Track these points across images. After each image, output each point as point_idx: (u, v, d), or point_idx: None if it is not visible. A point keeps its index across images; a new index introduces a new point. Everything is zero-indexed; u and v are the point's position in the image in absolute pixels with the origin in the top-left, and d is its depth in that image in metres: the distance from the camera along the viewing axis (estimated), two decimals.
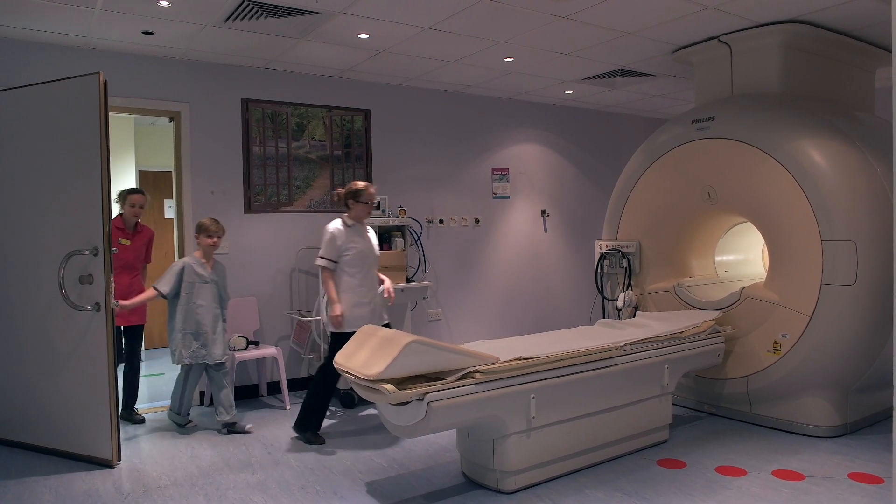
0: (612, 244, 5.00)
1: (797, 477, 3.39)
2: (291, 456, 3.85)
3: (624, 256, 4.89)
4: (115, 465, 3.70)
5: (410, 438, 4.01)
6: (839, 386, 3.96)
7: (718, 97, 4.69)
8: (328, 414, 4.71)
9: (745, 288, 4.27)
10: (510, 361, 3.11)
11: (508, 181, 6.70)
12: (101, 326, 3.66)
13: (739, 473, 3.45)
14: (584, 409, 3.43)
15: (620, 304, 4.83)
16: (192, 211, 5.04)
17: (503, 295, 6.67)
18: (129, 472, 3.63)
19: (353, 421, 4.55)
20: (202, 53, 4.89)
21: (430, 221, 6.15)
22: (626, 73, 5.61)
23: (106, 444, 3.69)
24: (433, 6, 3.98)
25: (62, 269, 3.65)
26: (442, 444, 3.97)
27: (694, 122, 4.47)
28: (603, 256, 5.06)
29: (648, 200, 4.80)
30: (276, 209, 5.39)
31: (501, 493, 3.22)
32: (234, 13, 4.04)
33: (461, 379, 2.96)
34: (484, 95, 6.46)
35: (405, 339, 2.87)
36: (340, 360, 3.12)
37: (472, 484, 3.36)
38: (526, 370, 3.15)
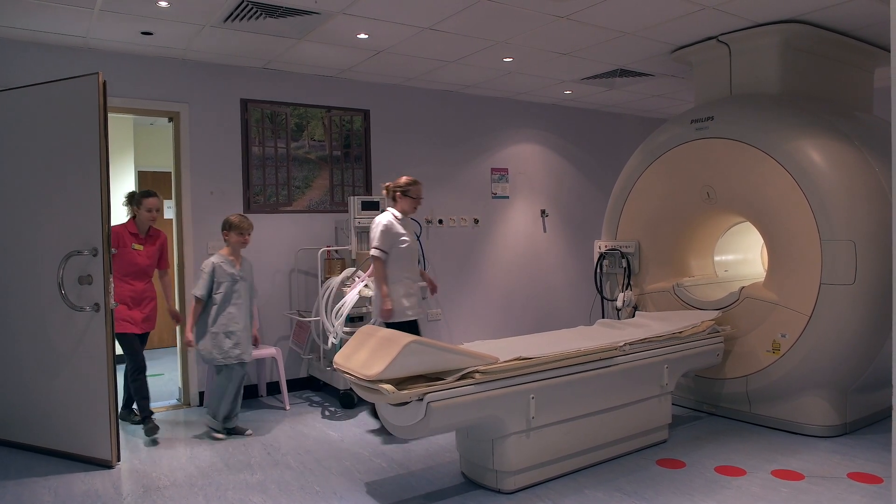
0: (611, 244, 5.00)
1: (797, 477, 3.39)
2: (291, 456, 3.85)
3: (623, 256, 4.89)
4: (114, 465, 3.70)
5: (410, 439, 4.00)
6: (838, 385, 3.96)
7: (717, 97, 4.69)
8: (327, 415, 4.71)
9: (744, 288, 4.27)
10: (510, 361, 3.11)
11: (508, 181, 6.70)
12: (100, 327, 3.66)
13: (739, 473, 3.46)
14: (583, 409, 3.43)
15: (620, 304, 4.83)
16: (191, 211, 5.04)
17: (502, 295, 6.67)
18: (128, 472, 3.63)
19: (352, 421, 4.55)
20: (201, 54, 4.88)
21: (429, 221, 6.15)
22: (625, 73, 5.61)
23: (105, 444, 3.69)
24: (432, 6, 3.98)
25: (61, 269, 3.65)
26: (441, 444, 3.97)
27: (693, 121, 4.47)
28: (602, 256, 5.06)
29: (647, 200, 4.80)
30: (275, 209, 5.38)
31: (501, 493, 3.22)
32: (233, 13, 4.04)
33: (461, 379, 2.96)
34: (483, 95, 6.46)
35: (404, 339, 2.87)
36: (340, 360, 3.12)
37: (471, 484, 3.36)
38: (525, 370, 3.15)
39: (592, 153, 7.34)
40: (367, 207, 5.16)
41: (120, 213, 4.45)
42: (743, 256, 5.12)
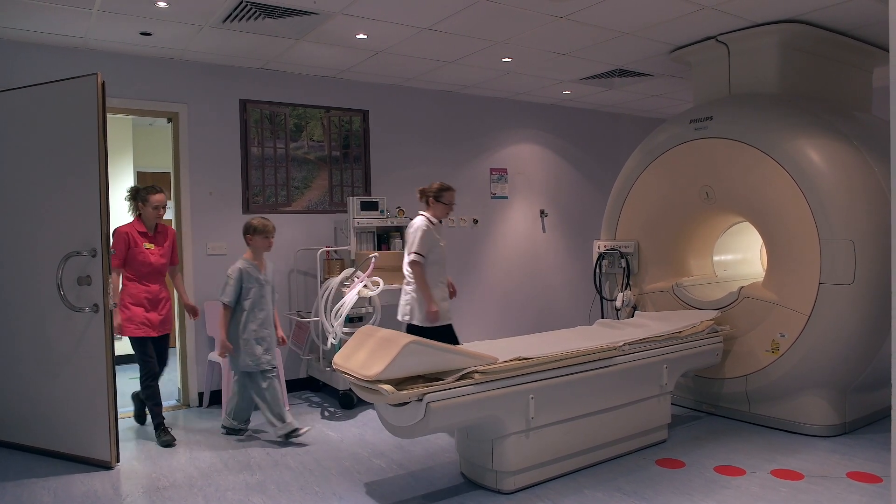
0: (610, 244, 5.00)
1: (796, 476, 3.39)
2: (290, 457, 3.85)
3: (622, 256, 4.89)
4: (113, 466, 3.69)
5: (409, 439, 4.00)
6: (837, 385, 3.96)
7: (716, 97, 4.69)
8: (327, 415, 4.71)
9: (743, 287, 4.27)
10: (509, 362, 3.11)
11: (507, 181, 6.70)
12: (99, 328, 3.66)
13: (738, 473, 3.46)
14: (582, 409, 3.43)
15: (619, 303, 4.83)
16: (190, 212, 5.03)
17: (502, 295, 6.67)
18: (127, 473, 3.63)
19: (352, 422, 4.55)
20: (200, 54, 4.88)
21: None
22: (623, 73, 5.62)
23: (104, 445, 3.68)
24: (431, 7, 3.98)
25: (60, 270, 3.65)
26: (441, 444, 3.97)
27: (692, 121, 4.47)
28: (601, 256, 5.06)
29: (646, 200, 4.80)
30: (274, 210, 5.38)
31: (500, 493, 3.22)
32: (231, 14, 4.04)
33: (460, 379, 2.96)
34: (482, 96, 6.46)
35: (404, 339, 2.87)
36: (339, 360, 3.12)
37: (471, 484, 3.36)
38: (525, 370, 3.15)
39: (591, 153, 7.34)
40: (366, 208, 5.16)
41: (119, 213, 4.43)
42: (742, 256, 5.12)
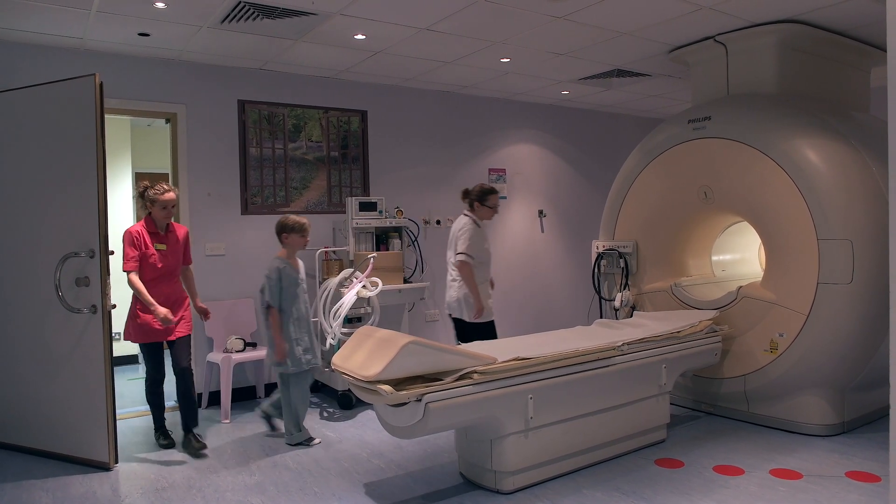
0: (609, 244, 5.00)
1: (795, 476, 3.39)
2: (289, 457, 3.85)
3: (621, 256, 4.89)
4: (112, 467, 3.69)
5: (408, 439, 4.00)
6: (836, 384, 3.97)
7: (714, 97, 4.70)
8: (325, 416, 4.71)
9: (741, 287, 4.28)
10: (508, 362, 3.11)
11: (505, 181, 6.70)
12: (97, 329, 3.65)
13: (737, 472, 3.46)
14: (581, 409, 3.43)
15: (618, 303, 4.83)
16: (188, 213, 5.03)
17: (500, 295, 6.66)
18: (126, 474, 3.63)
19: (351, 422, 4.54)
20: (198, 55, 4.88)
21: (427, 222, 6.15)
22: (622, 73, 5.62)
23: (103, 446, 3.68)
24: (429, 7, 3.98)
25: (58, 271, 3.65)
26: (440, 445, 3.97)
27: (690, 121, 4.48)
28: (600, 256, 5.06)
29: (645, 200, 4.80)
30: (273, 210, 5.38)
31: (500, 493, 3.22)
32: (230, 14, 4.03)
33: (459, 379, 2.96)
34: (480, 96, 6.46)
35: (403, 339, 2.86)
36: (338, 361, 3.12)
37: (470, 484, 3.36)
38: (524, 370, 3.15)
39: (590, 153, 7.34)
40: (364, 208, 5.16)
41: (119, 213, 4.43)
42: (740, 256, 5.13)
